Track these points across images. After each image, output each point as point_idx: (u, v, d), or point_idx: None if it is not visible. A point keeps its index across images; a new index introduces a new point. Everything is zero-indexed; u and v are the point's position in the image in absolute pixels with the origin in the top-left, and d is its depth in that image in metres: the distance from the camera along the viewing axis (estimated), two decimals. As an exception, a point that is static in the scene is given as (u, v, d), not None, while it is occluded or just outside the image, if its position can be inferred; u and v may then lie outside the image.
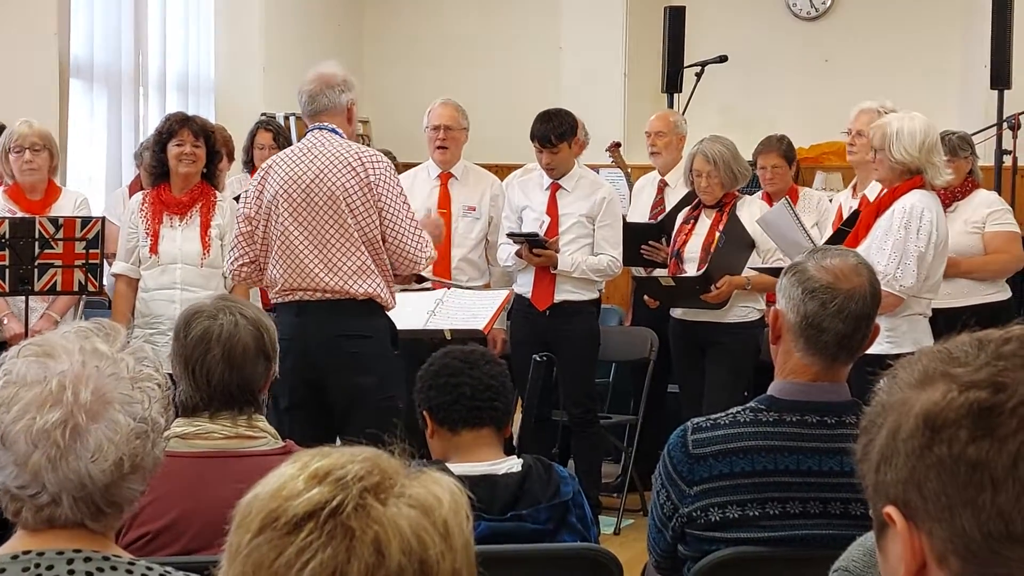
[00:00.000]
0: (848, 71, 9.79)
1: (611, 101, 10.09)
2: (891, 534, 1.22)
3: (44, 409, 1.86)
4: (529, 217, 6.67)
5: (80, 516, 1.89)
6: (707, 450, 3.00)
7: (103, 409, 1.88)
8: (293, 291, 5.10)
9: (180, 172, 5.87)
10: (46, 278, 5.70)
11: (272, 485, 1.41)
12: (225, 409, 3.12)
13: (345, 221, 5.07)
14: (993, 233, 6.49)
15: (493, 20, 10.80)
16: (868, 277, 3.08)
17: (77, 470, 1.86)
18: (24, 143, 6.10)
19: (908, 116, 5.24)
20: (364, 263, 5.09)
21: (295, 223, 5.08)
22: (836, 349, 3.01)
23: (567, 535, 3.24)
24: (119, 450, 1.88)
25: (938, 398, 1.18)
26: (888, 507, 1.21)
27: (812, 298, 3.01)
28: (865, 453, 1.24)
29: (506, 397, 3.36)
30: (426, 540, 1.37)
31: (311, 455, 1.43)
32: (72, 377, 1.88)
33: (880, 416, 1.23)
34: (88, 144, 8.61)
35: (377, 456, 1.42)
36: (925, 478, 1.17)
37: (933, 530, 1.18)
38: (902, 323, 5.12)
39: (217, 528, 2.95)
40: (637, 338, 7.03)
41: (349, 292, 5.08)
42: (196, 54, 9.52)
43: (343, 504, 1.36)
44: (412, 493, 1.40)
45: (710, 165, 6.35)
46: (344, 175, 5.08)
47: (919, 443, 1.18)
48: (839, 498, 2.97)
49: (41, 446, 1.85)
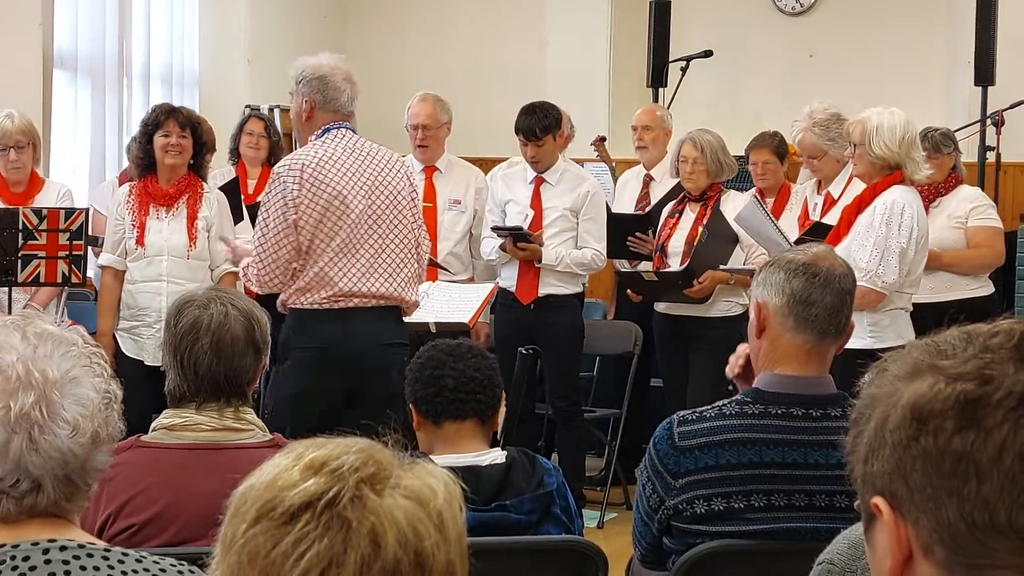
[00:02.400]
0: (833, 66, 9.81)
1: (596, 95, 10.09)
2: (878, 525, 1.23)
3: (17, 395, 1.86)
4: (513, 211, 6.67)
5: (59, 497, 1.89)
6: (693, 442, 3.01)
7: (70, 384, 1.89)
8: (348, 297, 4.84)
9: (166, 163, 5.85)
10: (29, 269, 5.68)
11: (267, 475, 1.41)
12: (212, 400, 3.11)
13: (405, 225, 4.95)
14: (976, 228, 6.52)
15: (478, 15, 10.79)
16: (843, 260, 3.17)
17: (59, 448, 1.87)
18: (8, 142, 6.08)
19: (888, 111, 5.25)
20: (416, 270, 5.01)
21: (361, 227, 4.85)
22: (826, 323, 3.05)
23: (551, 526, 3.25)
24: (93, 422, 1.90)
25: (925, 390, 1.19)
26: (875, 498, 1.22)
27: (796, 276, 3.06)
28: (854, 445, 1.25)
29: (491, 390, 3.37)
30: (421, 531, 1.38)
31: (305, 446, 1.43)
32: (31, 360, 1.88)
33: (869, 408, 1.24)
34: (72, 135, 8.59)
35: (372, 447, 1.43)
36: (911, 469, 1.18)
37: (919, 521, 1.19)
38: (884, 318, 5.14)
39: (204, 520, 2.98)
40: (621, 332, 7.04)
41: (404, 300, 4.96)
42: (180, 46, 9.49)
43: (340, 495, 1.37)
44: (407, 484, 1.40)
45: (697, 151, 6.39)
46: (399, 179, 4.97)
47: (906, 434, 1.19)
48: (824, 490, 2.99)
49: (20, 430, 1.85)
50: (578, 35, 10.31)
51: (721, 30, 9.95)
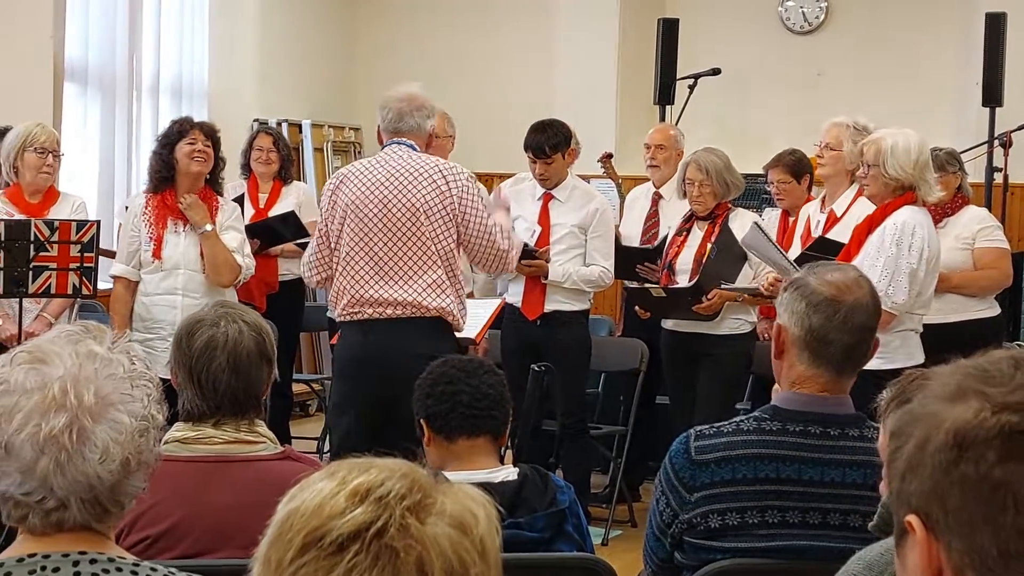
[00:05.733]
0: (841, 86, 9.82)
1: (604, 112, 10.11)
2: (910, 542, 1.24)
3: (48, 415, 1.86)
4: (520, 227, 6.67)
5: (87, 518, 1.89)
6: (709, 456, 3.01)
7: (106, 410, 1.89)
8: (362, 306, 5.06)
9: (192, 170, 5.89)
10: (40, 280, 5.69)
11: (312, 501, 1.41)
12: (231, 416, 3.14)
13: (424, 235, 5.09)
14: (983, 249, 6.52)
15: (487, 31, 10.81)
16: (869, 289, 3.11)
17: (86, 472, 1.87)
18: (48, 146, 6.10)
19: (902, 132, 5.25)
20: (439, 278, 5.11)
21: (371, 235, 5.08)
22: (842, 361, 3.02)
23: (564, 544, 3.25)
24: (125, 450, 1.89)
25: (970, 416, 1.19)
26: (910, 515, 1.22)
27: (816, 311, 3.02)
28: (892, 460, 1.26)
29: (503, 407, 3.37)
30: (466, 559, 1.39)
31: (348, 469, 1.43)
32: (72, 380, 1.88)
33: (910, 425, 1.24)
34: (81, 147, 8.62)
35: (413, 471, 1.43)
36: (949, 493, 1.19)
37: (952, 543, 1.19)
38: (894, 339, 5.13)
39: (218, 533, 3.00)
40: (628, 349, 7.04)
41: (422, 306, 5.07)
42: (190, 59, 9.53)
43: (387, 525, 1.37)
44: (450, 511, 1.41)
45: (702, 174, 6.38)
46: (425, 188, 5.11)
47: (946, 458, 1.19)
48: (839, 509, 2.99)
49: (48, 452, 1.85)
50: (586, 52, 10.34)
51: (729, 48, 9.97)
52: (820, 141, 6.39)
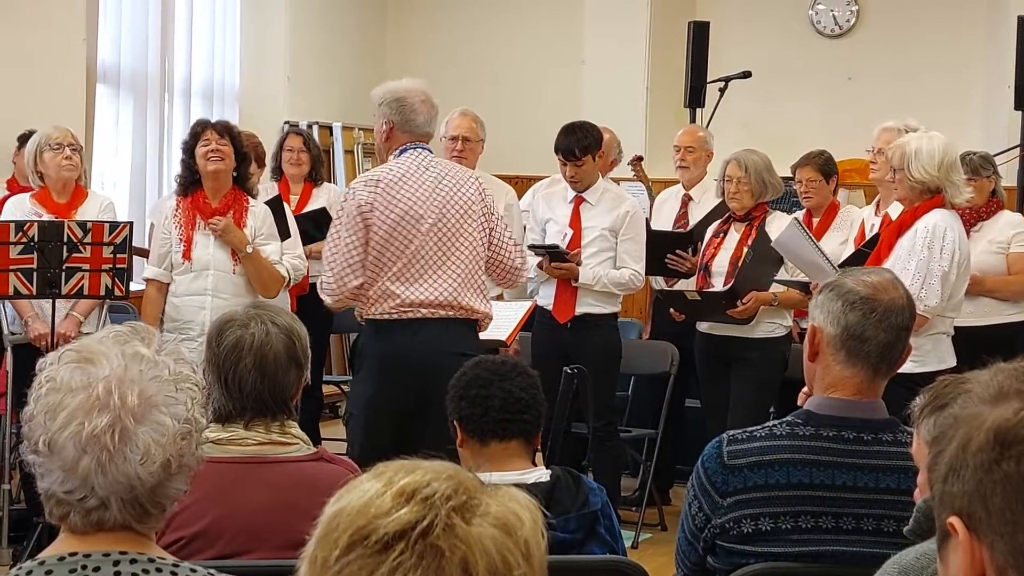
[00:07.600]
0: (872, 89, 9.80)
1: (633, 115, 10.10)
2: (953, 544, 1.24)
3: (92, 414, 1.87)
4: (552, 229, 6.68)
5: (127, 518, 1.90)
6: (742, 461, 3.01)
7: (149, 411, 1.90)
8: (415, 307, 5.04)
9: (209, 170, 5.89)
10: (73, 282, 5.72)
11: (358, 501, 1.42)
12: (259, 417, 3.14)
13: (475, 239, 5.11)
14: (1018, 254, 6.50)
15: (516, 33, 10.83)
16: (904, 291, 3.11)
17: (126, 473, 1.88)
18: (63, 141, 6.13)
19: (927, 135, 5.26)
20: (485, 282, 5.17)
21: (430, 239, 5.05)
22: (878, 360, 3.01)
23: (596, 546, 3.25)
24: (166, 451, 1.90)
25: (1010, 415, 1.20)
26: (952, 517, 1.22)
27: (853, 309, 3.01)
28: (934, 463, 1.26)
29: (536, 409, 3.37)
30: (510, 560, 1.39)
31: (394, 470, 1.44)
32: (117, 381, 1.89)
33: (952, 428, 1.24)
34: (113, 150, 8.67)
35: (457, 472, 1.44)
36: (991, 492, 1.19)
37: (995, 543, 1.19)
38: (926, 342, 5.12)
39: (251, 534, 3.01)
40: (658, 352, 7.03)
41: (475, 310, 5.10)
42: (221, 62, 9.58)
43: (433, 524, 1.38)
44: (494, 512, 1.41)
45: (741, 171, 6.38)
46: (472, 194, 5.14)
47: (988, 458, 1.19)
48: (872, 514, 2.98)
49: (90, 451, 1.87)
50: (616, 54, 10.34)
51: (760, 51, 9.96)
52: (872, 147, 6.42)
